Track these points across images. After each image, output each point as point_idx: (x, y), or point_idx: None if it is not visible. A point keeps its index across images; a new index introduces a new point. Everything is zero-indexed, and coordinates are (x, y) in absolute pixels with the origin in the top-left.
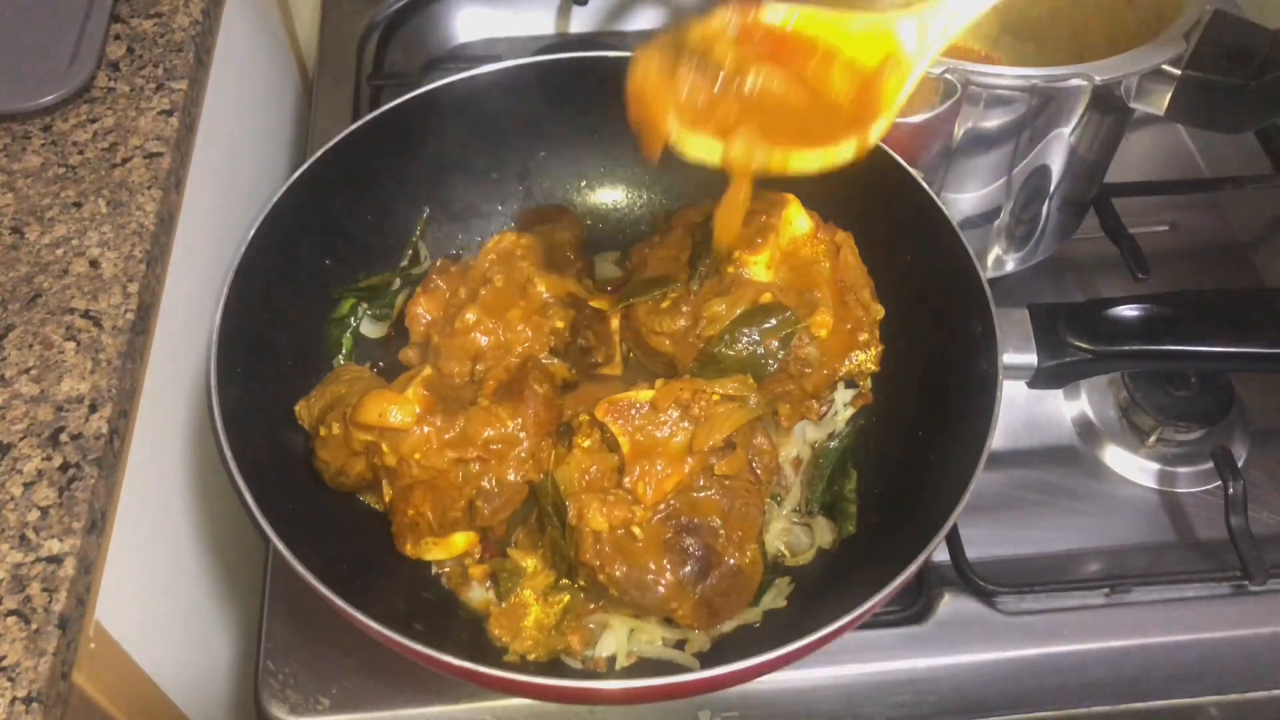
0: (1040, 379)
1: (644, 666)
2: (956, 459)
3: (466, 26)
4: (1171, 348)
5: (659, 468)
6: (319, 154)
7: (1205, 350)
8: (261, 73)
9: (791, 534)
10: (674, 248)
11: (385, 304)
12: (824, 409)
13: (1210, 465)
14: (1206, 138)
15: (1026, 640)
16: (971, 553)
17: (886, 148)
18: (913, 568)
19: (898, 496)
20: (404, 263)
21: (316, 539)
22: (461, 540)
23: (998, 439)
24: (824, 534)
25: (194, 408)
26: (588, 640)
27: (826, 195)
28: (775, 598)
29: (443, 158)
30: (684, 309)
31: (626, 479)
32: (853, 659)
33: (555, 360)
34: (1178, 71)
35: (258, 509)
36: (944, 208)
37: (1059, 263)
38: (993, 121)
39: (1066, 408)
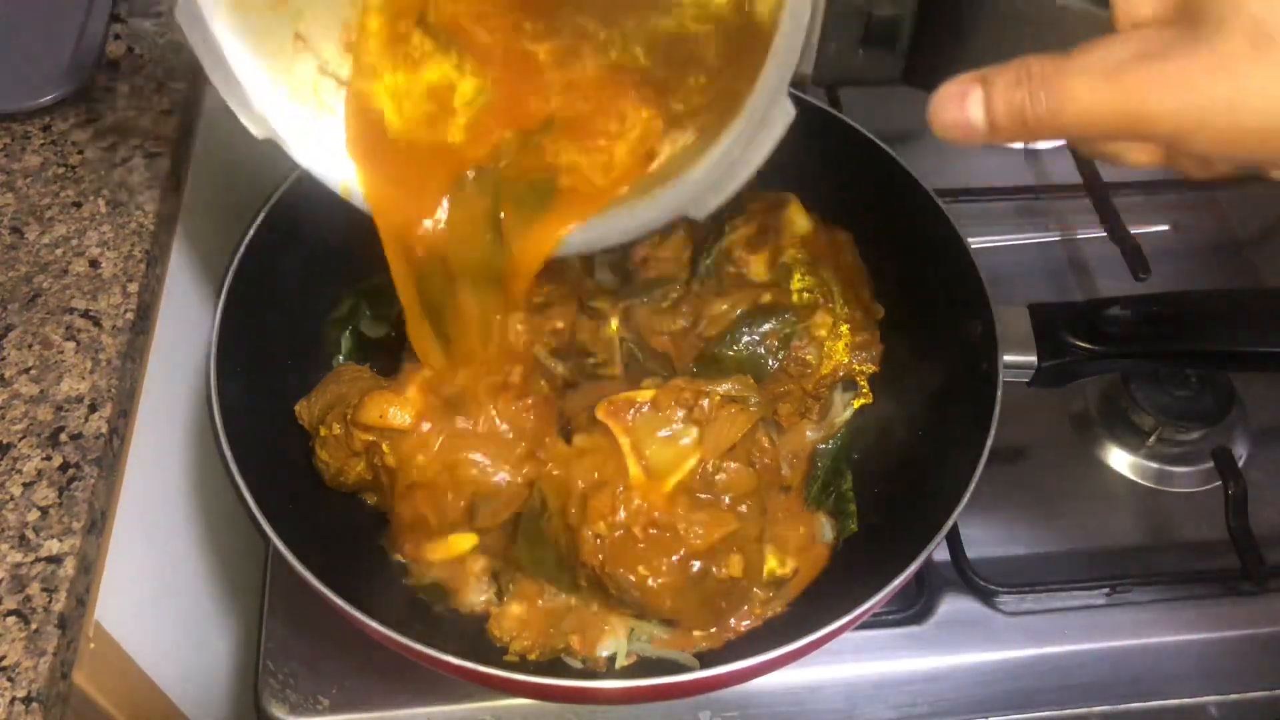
0: (1040, 379)
1: (644, 666)
2: (956, 459)
3: None
4: (1171, 348)
5: (660, 468)
6: None
7: (1205, 350)
8: None
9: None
10: (674, 248)
11: (385, 304)
12: (824, 409)
13: (1210, 465)
14: None
15: (1026, 640)
16: (971, 553)
17: (886, 147)
18: (913, 568)
19: (898, 496)
20: None
21: (316, 539)
22: (461, 540)
23: (997, 438)
24: (826, 531)
25: (194, 408)
26: (588, 640)
27: (826, 195)
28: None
29: None
30: (684, 309)
31: (627, 479)
32: (853, 659)
33: (555, 360)
34: None
35: (258, 509)
36: (943, 207)
37: (1059, 262)
38: None
39: (1066, 407)
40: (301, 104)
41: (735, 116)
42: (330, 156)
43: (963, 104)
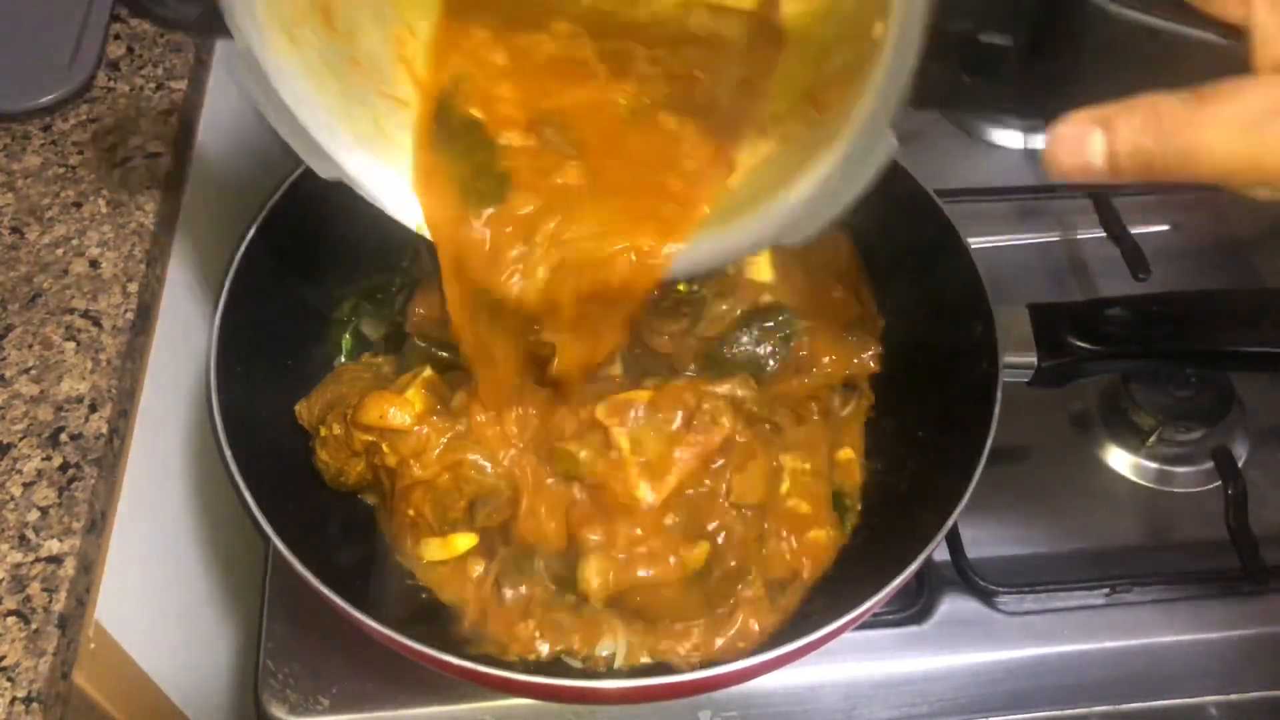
0: (1040, 379)
1: (644, 666)
2: (956, 459)
3: None
4: (1171, 348)
5: (659, 469)
6: None
7: (1205, 350)
8: None
9: None
10: None
11: (385, 304)
12: (824, 409)
13: (1210, 465)
14: None
15: (1026, 640)
16: (971, 553)
17: None
18: (913, 568)
19: (898, 496)
20: (404, 263)
21: (316, 539)
22: (462, 540)
23: (997, 438)
24: (826, 532)
25: (194, 408)
26: (588, 640)
27: None
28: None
29: None
30: (684, 309)
31: (627, 480)
32: (853, 659)
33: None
34: None
35: (258, 509)
36: (943, 207)
37: (1059, 262)
38: None
39: (1066, 407)
40: (367, 141)
41: (829, 140)
42: (400, 194)
43: (1081, 146)
